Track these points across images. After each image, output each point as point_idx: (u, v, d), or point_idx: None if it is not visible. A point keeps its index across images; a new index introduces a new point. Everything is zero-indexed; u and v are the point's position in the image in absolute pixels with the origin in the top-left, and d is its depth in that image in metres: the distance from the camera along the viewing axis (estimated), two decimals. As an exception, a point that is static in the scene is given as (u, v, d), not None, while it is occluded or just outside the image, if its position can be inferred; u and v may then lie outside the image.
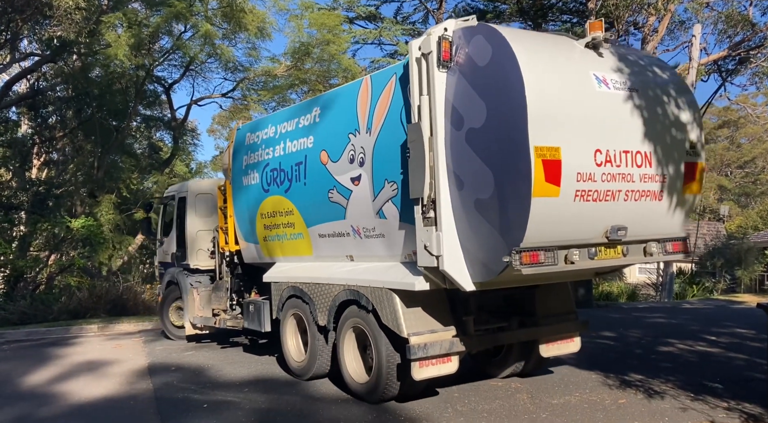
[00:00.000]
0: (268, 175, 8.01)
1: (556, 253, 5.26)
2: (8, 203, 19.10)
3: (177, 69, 25.08)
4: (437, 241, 5.53)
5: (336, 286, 6.77)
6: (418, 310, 6.08)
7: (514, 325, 6.73)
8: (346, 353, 6.73)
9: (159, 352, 9.76)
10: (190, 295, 10.24)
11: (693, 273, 23.97)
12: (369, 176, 6.40)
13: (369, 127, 6.41)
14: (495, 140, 5.24)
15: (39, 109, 20.93)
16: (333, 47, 24.13)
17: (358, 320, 6.50)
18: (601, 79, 5.55)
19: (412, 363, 5.88)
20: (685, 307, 16.89)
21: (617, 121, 5.54)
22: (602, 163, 5.38)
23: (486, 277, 5.51)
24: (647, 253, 5.88)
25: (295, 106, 8.81)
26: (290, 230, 7.69)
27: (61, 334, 12.23)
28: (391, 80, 6.21)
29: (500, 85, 5.21)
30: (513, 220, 5.12)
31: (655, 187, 5.74)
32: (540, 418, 5.82)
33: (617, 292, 19.59)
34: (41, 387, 7.72)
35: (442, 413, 6.00)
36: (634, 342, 10.00)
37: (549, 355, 6.99)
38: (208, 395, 6.99)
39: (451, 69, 5.60)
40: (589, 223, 5.44)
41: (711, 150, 49.35)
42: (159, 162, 27.08)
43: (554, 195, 5.07)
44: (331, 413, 6.16)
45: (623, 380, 7.13)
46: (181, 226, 10.90)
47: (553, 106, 5.16)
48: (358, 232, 6.67)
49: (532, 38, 5.92)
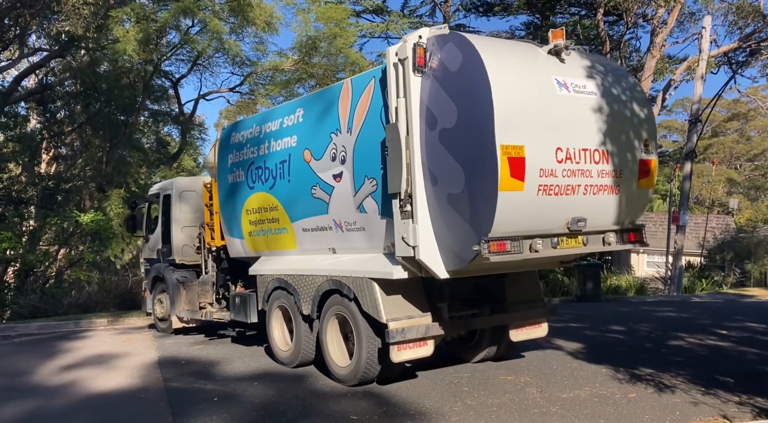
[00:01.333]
0: (253, 173, 8.65)
1: (522, 242, 5.87)
2: (18, 198, 19.72)
3: (184, 64, 25.79)
4: (413, 233, 6.15)
5: (319, 276, 7.41)
6: (396, 298, 6.71)
7: (485, 312, 7.38)
8: (329, 340, 7.37)
9: (169, 346, 10.06)
10: (176, 290, 10.88)
11: (702, 267, 24.25)
12: (350, 173, 7.02)
13: (350, 127, 7.02)
14: (465, 139, 5.85)
15: (47, 104, 21.54)
16: (340, 41, 24.68)
17: (341, 308, 7.13)
18: (562, 83, 6.15)
19: (390, 346, 6.51)
20: (694, 301, 17.13)
21: (577, 122, 6.14)
22: (563, 160, 5.99)
23: (458, 266, 6.15)
24: (606, 242, 6.50)
25: (279, 106, 9.46)
26: (275, 225, 8.33)
27: (71, 328, 12.72)
28: (371, 83, 6.81)
29: (469, 88, 5.82)
30: (482, 212, 5.74)
31: (612, 181, 6.36)
32: (550, 412, 5.95)
33: (626, 286, 19.86)
34: (54, 379, 7.99)
35: (452, 407, 6.17)
36: (643, 336, 10.14)
37: (518, 339, 7.64)
38: (218, 388, 7.18)
39: (425, 73, 6.21)
40: (551, 215, 6.05)
41: (720, 143, 49.57)
42: (167, 156, 27.75)
43: (519, 189, 5.69)
44: (340, 407, 6.32)
45: (633, 374, 7.25)
46: (167, 222, 11.56)
47: (518, 108, 5.77)
48: (340, 226, 7.30)
49: (499, 45, 6.53)
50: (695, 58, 23.75)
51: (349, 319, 7.02)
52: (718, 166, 45.82)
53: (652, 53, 23.79)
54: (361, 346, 6.82)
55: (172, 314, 10.99)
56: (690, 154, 21.94)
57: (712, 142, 49.76)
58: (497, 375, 7.33)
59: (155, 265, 11.89)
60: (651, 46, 23.86)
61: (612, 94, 6.47)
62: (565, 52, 6.35)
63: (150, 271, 12.11)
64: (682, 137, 49.86)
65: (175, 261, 11.30)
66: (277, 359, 8.38)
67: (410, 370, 7.44)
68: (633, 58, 26.16)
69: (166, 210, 11.61)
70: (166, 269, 11.37)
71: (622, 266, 22.81)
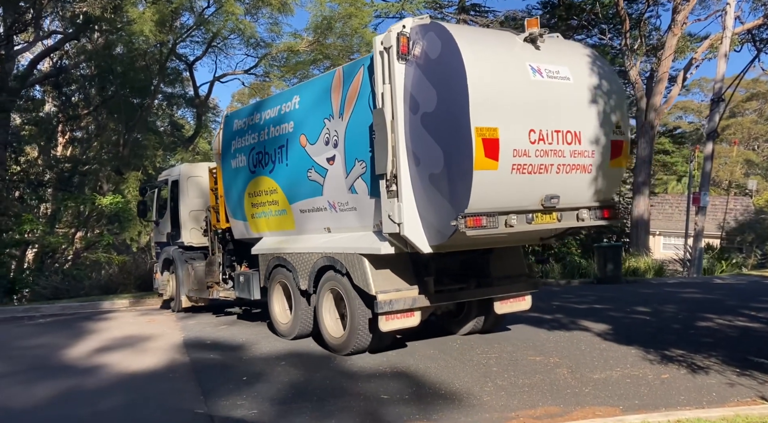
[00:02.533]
0: (254, 158, 9.41)
1: (497, 218, 6.51)
2: (38, 181, 20.56)
3: (199, 46, 26.49)
4: (399, 211, 6.84)
5: (315, 254, 8.16)
6: (385, 272, 7.42)
7: (471, 286, 8.04)
8: (324, 312, 8.12)
9: (193, 327, 10.42)
10: (185, 271, 11.72)
11: (721, 248, 24.46)
12: (342, 156, 7.71)
13: (341, 113, 7.70)
14: (444, 122, 6.49)
15: (62, 87, 22.38)
16: (355, 21, 25.24)
17: (335, 283, 7.87)
18: (536, 69, 6.74)
19: (379, 317, 7.24)
20: (716, 282, 17.30)
21: (550, 105, 6.74)
22: (536, 140, 6.60)
23: (439, 241, 6.82)
24: (579, 218, 7.11)
25: (278, 94, 10.14)
26: (275, 207, 9.09)
27: (94, 309, 13.39)
28: (360, 71, 7.47)
29: (447, 75, 6.45)
30: (459, 190, 6.38)
31: (585, 161, 6.95)
32: (583, 393, 6.07)
33: (644, 268, 20.07)
34: (83, 359, 8.32)
35: (482, 387, 6.34)
36: (670, 317, 10.26)
37: (502, 312, 8.33)
38: (245, 368, 7.44)
39: (408, 61, 6.86)
40: (525, 192, 6.69)
41: (738, 123, 49.28)
42: (181, 139, 28.57)
43: (493, 168, 6.32)
44: (370, 387, 6.49)
45: (664, 355, 7.36)
46: (175, 207, 12.44)
47: (492, 93, 6.39)
48: (334, 207, 8.00)
49: (476, 34, 7.16)
50: (718, 35, 23.76)
51: (342, 292, 7.75)
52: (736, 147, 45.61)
53: (673, 31, 23.90)
54: (354, 317, 7.55)
55: (181, 294, 11.84)
56: (712, 134, 22.10)
57: (729, 123, 49.40)
58: (525, 355, 7.55)
59: (165, 248, 12.78)
60: (672, 24, 23.97)
61: (585, 79, 7.07)
62: (540, 40, 6.93)
63: (161, 254, 13.01)
64: (698, 118, 49.73)
65: (183, 243, 12.17)
66: (277, 332, 9.16)
67: (433, 353, 7.78)
68: (653, 37, 26.22)
69: (175, 195, 12.50)
70: (176, 251, 12.24)
71: (640, 248, 23.12)
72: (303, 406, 5.94)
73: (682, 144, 32.34)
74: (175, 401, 6.34)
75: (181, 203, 12.24)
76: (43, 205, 23.08)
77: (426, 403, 5.92)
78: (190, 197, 12.19)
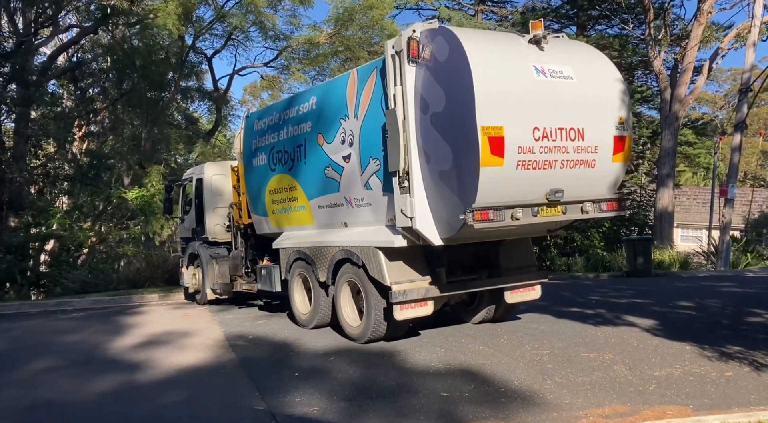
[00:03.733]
0: (274, 156, 10.08)
1: (504, 211, 7.05)
2: (58, 174, 21.27)
3: (218, 39, 27.06)
4: (411, 206, 7.42)
5: (333, 247, 8.78)
6: (399, 264, 8.02)
7: (482, 277, 8.60)
8: (342, 303, 8.75)
9: (230, 322, 10.72)
10: (209, 265, 12.44)
11: (746, 241, 24.59)
12: (357, 154, 8.31)
13: (356, 113, 8.30)
14: (452, 122, 7.05)
15: (79, 81, 23.10)
16: (376, 12, 25.74)
17: (352, 275, 8.49)
18: (540, 69, 7.26)
19: (394, 306, 7.84)
20: (748, 275, 17.46)
21: (553, 104, 7.25)
22: (540, 138, 7.12)
23: (449, 234, 7.39)
24: (584, 211, 7.64)
25: (295, 95, 10.76)
26: (294, 203, 9.75)
27: (125, 303, 13.86)
28: (373, 73, 8.06)
29: (455, 76, 7.00)
30: (467, 185, 6.94)
31: (588, 156, 7.47)
32: (647, 391, 6.03)
33: (669, 261, 20.28)
34: (129, 354, 8.46)
35: (542, 385, 6.31)
36: (717, 312, 10.32)
37: (513, 301, 8.91)
38: (294, 364, 7.57)
39: (418, 64, 7.44)
40: (530, 187, 7.22)
41: (754, 114, 49.11)
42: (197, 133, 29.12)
43: (499, 165, 6.86)
44: (427, 383, 6.50)
45: (722, 352, 7.34)
46: (200, 204, 13.19)
47: (497, 93, 6.92)
48: (350, 202, 8.61)
49: (482, 37, 7.70)
50: (745, 24, 23.89)
51: (359, 284, 8.36)
52: (752, 137, 45.43)
53: (698, 21, 24.05)
54: (370, 306, 8.17)
55: (206, 287, 12.58)
56: (741, 125, 22.24)
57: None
58: (578, 352, 7.59)
59: (191, 243, 13.55)
60: (698, 13, 24.10)
61: (588, 77, 7.57)
62: (544, 41, 7.44)
63: (186, 249, 13.76)
64: (711, 109, 49.52)
65: (208, 239, 12.91)
66: (297, 322, 9.83)
67: (482, 349, 7.90)
68: (676, 26, 26.37)
69: (199, 193, 13.26)
70: (200, 246, 13.00)
71: (664, 241, 23.40)
72: (364, 404, 5.95)
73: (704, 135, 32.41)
74: (232, 397, 6.40)
75: (206, 200, 12.98)
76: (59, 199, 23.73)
77: (489, 402, 5.92)
78: (213, 194, 12.92)
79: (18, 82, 18.84)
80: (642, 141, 29.84)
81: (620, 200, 7.96)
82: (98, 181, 21.29)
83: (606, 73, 7.78)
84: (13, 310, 13.47)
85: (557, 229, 8.60)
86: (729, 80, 52.77)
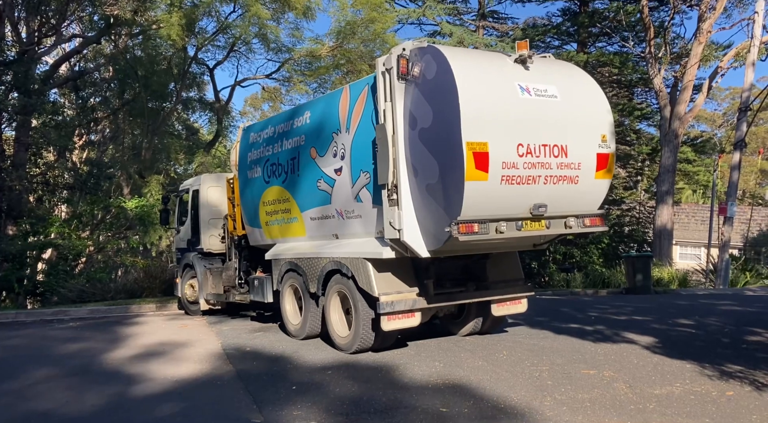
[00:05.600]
0: (268, 169, 10.42)
1: (489, 225, 7.36)
2: (57, 183, 21.45)
3: (220, 50, 27.52)
4: (399, 218, 7.72)
5: (323, 259, 9.08)
6: (387, 275, 8.31)
7: (470, 289, 8.88)
8: (332, 314, 9.03)
9: (228, 333, 10.79)
10: (204, 276, 12.77)
11: (745, 259, 24.80)
12: (348, 167, 8.63)
13: (348, 127, 8.64)
14: (439, 137, 7.36)
15: (81, 90, 23.41)
16: (378, 26, 26.18)
17: (341, 286, 8.77)
18: (525, 88, 7.59)
19: (381, 317, 8.11)
20: (748, 294, 17.56)
21: (537, 121, 7.58)
22: (524, 154, 7.43)
23: (436, 246, 7.68)
24: (567, 226, 7.95)
25: (290, 109, 11.12)
26: (287, 215, 10.08)
27: (122, 313, 14.01)
28: (365, 89, 8.40)
29: (442, 93, 7.32)
30: (453, 199, 7.24)
31: (571, 173, 7.78)
32: (648, 409, 6.00)
33: (668, 278, 20.42)
34: (126, 365, 8.49)
35: (541, 402, 6.29)
36: (716, 330, 10.41)
37: (499, 314, 9.20)
38: (292, 377, 7.58)
39: (408, 81, 7.77)
40: (514, 202, 7.53)
41: (753, 133, 50.04)
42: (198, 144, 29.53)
43: (483, 179, 7.17)
44: (425, 399, 6.48)
45: (722, 371, 7.37)
46: (195, 215, 13.52)
47: (482, 110, 7.24)
48: (341, 214, 8.92)
49: (469, 56, 8.04)
50: (744, 44, 24.29)
51: (348, 295, 8.64)
52: (750, 156, 45.97)
53: (698, 40, 24.43)
54: (358, 317, 8.44)
55: (200, 297, 12.88)
56: (740, 144, 22.58)
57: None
58: (578, 369, 7.63)
59: (186, 254, 13.86)
60: (697, 33, 24.50)
61: (572, 96, 7.91)
62: (530, 61, 7.77)
63: (181, 259, 14.07)
64: (710, 127, 50.17)
65: (203, 249, 13.24)
66: (288, 332, 10.09)
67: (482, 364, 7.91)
68: (675, 45, 26.77)
69: (195, 204, 13.60)
70: (195, 257, 13.31)
71: (663, 258, 23.62)
72: (362, 419, 5.95)
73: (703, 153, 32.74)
74: (229, 410, 6.41)
75: (201, 211, 13.33)
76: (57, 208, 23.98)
77: (488, 418, 5.92)
78: (209, 206, 13.26)
79: (20, 91, 19.18)
80: (641, 158, 30.17)
81: (603, 216, 8.25)
82: (98, 190, 21.57)
83: (590, 93, 8.12)
84: (9, 318, 13.60)
85: (542, 244, 8.88)
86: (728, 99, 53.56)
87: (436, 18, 29.30)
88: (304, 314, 9.66)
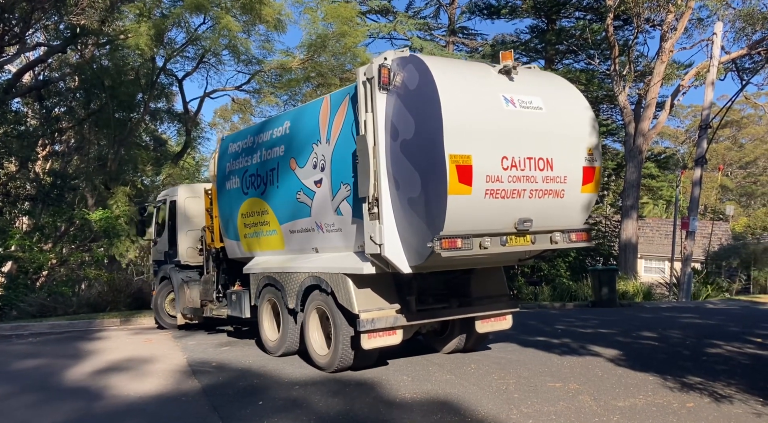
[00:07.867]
0: (247, 180, 10.02)
1: (472, 240, 7.07)
2: (16, 194, 20.59)
3: (189, 61, 26.88)
4: (380, 232, 7.39)
5: (302, 274, 8.71)
6: (367, 291, 7.96)
7: (453, 305, 8.56)
8: (311, 330, 8.67)
9: (193, 348, 10.54)
10: (181, 289, 12.27)
11: (706, 273, 25.16)
12: (328, 179, 8.31)
13: (328, 138, 8.32)
14: (421, 149, 7.06)
15: (45, 100, 22.57)
16: (349, 39, 25.95)
17: (320, 302, 8.41)
18: (509, 99, 7.36)
19: (361, 335, 7.75)
20: (710, 307, 17.81)
21: (522, 133, 7.34)
22: (508, 167, 7.18)
23: (418, 261, 7.36)
24: (553, 241, 7.70)
25: (270, 119, 10.74)
26: (266, 228, 9.68)
27: (84, 328, 13.49)
28: (345, 99, 8.10)
29: (424, 104, 7.04)
30: (435, 213, 6.94)
31: (557, 187, 7.55)
32: (612, 421, 6.11)
33: (633, 291, 20.67)
34: (88, 381, 8.26)
35: (508, 415, 6.34)
36: (678, 343, 10.55)
37: (484, 331, 8.89)
38: (259, 392, 7.45)
39: (389, 91, 7.47)
40: (499, 216, 7.26)
41: (713, 150, 51.87)
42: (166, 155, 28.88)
43: (467, 193, 6.88)
44: (392, 413, 6.48)
45: (683, 383, 7.52)
46: (173, 226, 13.05)
47: (466, 122, 6.97)
48: (321, 228, 8.58)
49: (452, 66, 7.77)
50: (704, 64, 24.80)
51: (327, 311, 8.29)
52: (711, 173, 47.29)
53: (661, 59, 24.80)
54: (338, 335, 8.08)
55: (177, 311, 12.36)
56: (700, 160, 22.95)
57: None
58: (544, 382, 7.68)
59: (163, 267, 13.35)
60: (660, 52, 24.87)
61: (557, 108, 7.69)
62: (514, 72, 7.56)
63: (158, 272, 13.56)
64: (673, 143, 51.57)
65: (180, 262, 12.73)
66: (266, 349, 9.67)
67: (450, 378, 7.92)
68: (639, 63, 27.17)
69: (172, 215, 13.12)
70: (172, 270, 12.82)
71: (628, 271, 23.79)
72: None
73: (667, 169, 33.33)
74: None
75: (178, 223, 12.86)
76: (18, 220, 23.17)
77: None
78: (186, 217, 12.80)
79: (-20, 100, 18.44)
80: (607, 173, 30.53)
81: (589, 231, 8.06)
82: (61, 202, 20.83)
83: (575, 105, 7.92)
84: (-35, 334, 12.94)
85: (527, 259, 8.65)
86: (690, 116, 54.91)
87: (407, 33, 29.33)
88: (282, 330, 9.27)
